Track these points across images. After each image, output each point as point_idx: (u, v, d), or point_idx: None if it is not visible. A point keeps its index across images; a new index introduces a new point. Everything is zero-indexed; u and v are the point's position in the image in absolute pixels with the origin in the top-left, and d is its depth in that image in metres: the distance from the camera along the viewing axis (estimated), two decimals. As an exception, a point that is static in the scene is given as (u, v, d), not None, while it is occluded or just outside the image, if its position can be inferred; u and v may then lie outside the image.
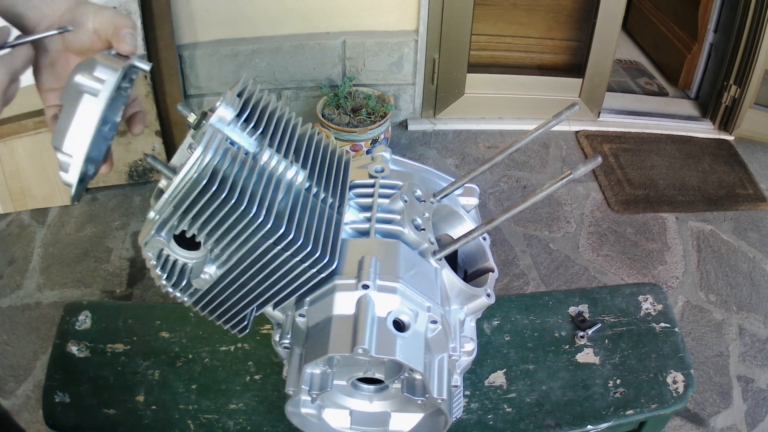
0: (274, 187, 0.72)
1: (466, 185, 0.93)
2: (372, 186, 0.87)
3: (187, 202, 0.66)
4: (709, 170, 2.80)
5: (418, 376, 0.76)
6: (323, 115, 2.58)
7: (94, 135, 0.67)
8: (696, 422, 1.86)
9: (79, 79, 0.65)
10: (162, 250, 0.72)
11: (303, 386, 0.77)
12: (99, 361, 1.07)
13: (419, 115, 2.98)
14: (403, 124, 2.96)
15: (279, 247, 0.70)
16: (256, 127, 0.75)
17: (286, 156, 0.76)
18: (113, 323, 1.13)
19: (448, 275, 0.81)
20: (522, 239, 2.44)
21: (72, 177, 0.69)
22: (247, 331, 0.81)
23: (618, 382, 1.06)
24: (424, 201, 0.87)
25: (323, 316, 0.76)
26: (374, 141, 2.59)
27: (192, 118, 0.75)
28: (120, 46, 0.68)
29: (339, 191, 0.81)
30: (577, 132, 2.97)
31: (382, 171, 0.91)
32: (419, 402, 0.78)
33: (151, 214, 0.68)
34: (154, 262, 0.74)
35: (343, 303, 0.74)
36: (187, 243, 0.72)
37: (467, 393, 1.04)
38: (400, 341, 0.72)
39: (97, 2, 0.72)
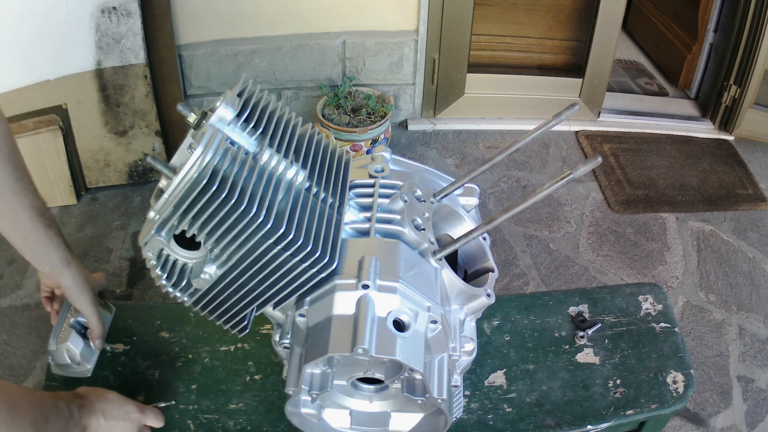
0: (274, 187, 0.72)
1: (466, 185, 0.93)
2: (372, 186, 0.87)
3: (187, 202, 0.66)
4: (709, 170, 2.80)
5: (418, 376, 0.76)
6: (323, 115, 2.58)
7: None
8: (696, 422, 1.86)
9: (68, 354, 1.00)
10: (162, 250, 0.72)
11: (303, 386, 0.77)
12: (99, 361, 1.07)
13: (419, 115, 2.98)
14: (403, 124, 2.96)
15: (279, 247, 0.70)
16: (256, 127, 0.75)
17: (286, 156, 0.76)
18: (113, 323, 1.13)
19: (448, 275, 0.81)
20: (522, 239, 2.44)
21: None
22: (247, 331, 0.81)
23: (618, 382, 1.05)
24: (424, 201, 0.87)
25: (323, 315, 0.76)
26: (374, 141, 2.59)
27: (192, 118, 0.75)
28: (93, 342, 1.03)
29: (339, 191, 0.81)
30: (577, 132, 2.97)
31: (382, 171, 0.91)
32: (419, 402, 0.78)
33: (151, 214, 0.68)
34: (154, 262, 0.74)
35: (343, 303, 0.74)
36: (187, 243, 0.73)
37: (467, 393, 1.04)
38: (400, 341, 0.72)
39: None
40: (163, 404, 1.00)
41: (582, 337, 1.11)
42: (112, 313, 1.10)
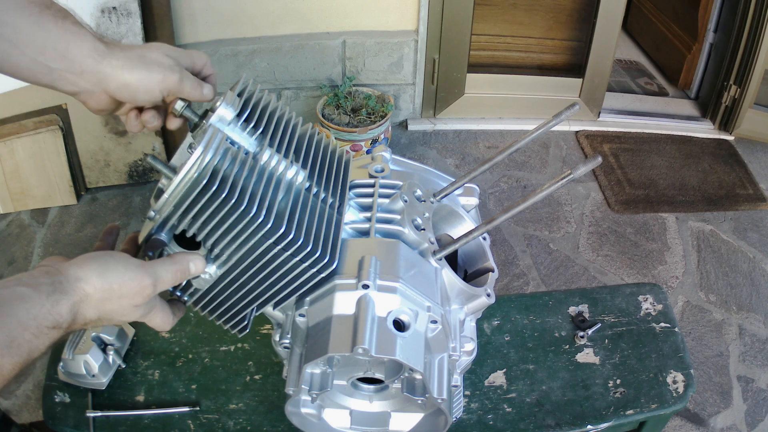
0: (274, 187, 0.72)
1: (466, 185, 0.93)
2: (372, 186, 0.87)
3: (188, 202, 0.66)
4: (709, 170, 2.80)
5: (418, 376, 0.76)
6: (323, 115, 2.58)
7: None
8: (696, 422, 1.86)
9: (85, 366, 1.02)
10: (163, 249, 0.72)
11: (303, 386, 0.77)
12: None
13: (419, 115, 2.98)
14: (403, 124, 2.96)
15: (279, 247, 0.70)
16: (256, 127, 0.75)
17: (286, 156, 0.76)
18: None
19: (448, 275, 0.81)
20: (522, 239, 2.44)
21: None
22: (247, 331, 0.81)
23: (618, 382, 1.05)
24: (424, 201, 0.87)
25: (323, 315, 0.76)
26: (374, 141, 2.59)
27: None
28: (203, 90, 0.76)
29: (339, 191, 0.81)
30: (577, 132, 2.97)
31: (382, 171, 0.91)
32: (419, 402, 0.78)
33: (152, 214, 0.68)
34: (155, 262, 0.73)
35: (344, 303, 0.74)
36: (187, 243, 0.72)
37: (467, 393, 1.04)
38: (400, 341, 0.72)
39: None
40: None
41: (582, 337, 1.11)
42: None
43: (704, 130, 3.02)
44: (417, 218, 0.83)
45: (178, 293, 0.76)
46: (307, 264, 0.72)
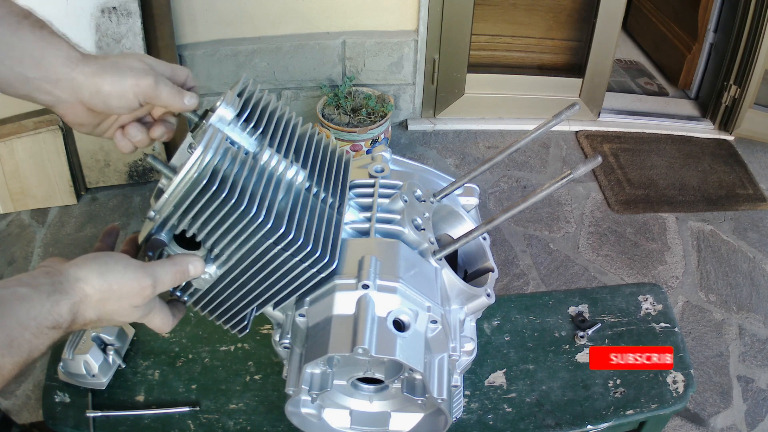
0: (274, 187, 0.72)
1: (466, 185, 0.93)
2: (372, 186, 0.87)
3: (188, 202, 0.66)
4: (709, 170, 2.80)
5: (418, 376, 0.76)
6: (323, 115, 2.58)
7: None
8: (696, 422, 1.86)
9: (85, 366, 1.02)
10: (163, 249, 0.72)
11: (303, 386, 0.77)
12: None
13: (419, 115, 2.98)
14: (403, 124, 2.96)
15: (279, 247, 0.70)
16: (256, 127, 0.75)
17: (286, 156, 0.76)
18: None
19: (448, 275, 0.81)
20: (522, 239, 2.44)
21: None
22: (247, 331, 0.81)
23: (618, 382, 1.06)
24: (424, 201, 0.87)
25: (323, 315, 0.76)
26: (374, 141, 2.59)
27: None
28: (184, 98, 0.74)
29: (339, 191, 0.81)
30: (577, 132, 2.97)
31: (382, 171, 0.91)
32: (419, 402, 0.78)
33: (152, 214, 0.68)
34: (155, 262, 0.73)
35: (343, 303, 0.74)
36: (187, 243, 0.72)
37: (467, 393, 1.04)
38: (400, 341, 0.72)
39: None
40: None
41: (582, 337, 1.11)
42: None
43: (704, 130, 3.02)
44: (417, 218, 0.83)
45: (178, 293, 0.76)
46: (307, 264, 0.72)
